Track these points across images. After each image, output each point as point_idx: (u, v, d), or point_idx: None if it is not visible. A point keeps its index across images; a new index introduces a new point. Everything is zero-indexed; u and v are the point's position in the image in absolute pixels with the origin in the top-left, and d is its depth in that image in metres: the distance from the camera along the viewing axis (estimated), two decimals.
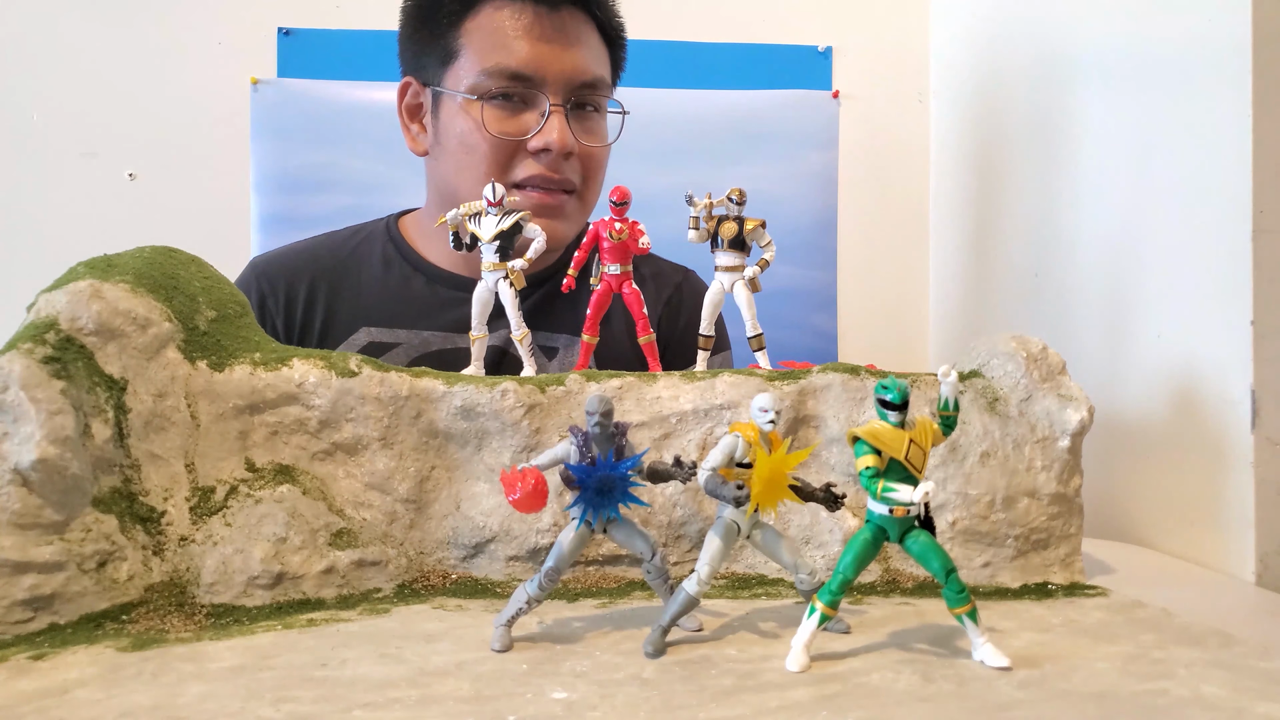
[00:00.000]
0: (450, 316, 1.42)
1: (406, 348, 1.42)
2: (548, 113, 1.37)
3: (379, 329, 1.43)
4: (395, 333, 1.43)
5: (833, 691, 0.72)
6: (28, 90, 2.02)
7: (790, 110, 2.10)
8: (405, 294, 1.46)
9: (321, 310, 1.45)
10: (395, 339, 1.42)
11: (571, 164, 1.41)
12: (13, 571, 0.81)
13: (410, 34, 1.47)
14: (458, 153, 1.41)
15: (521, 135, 1.38)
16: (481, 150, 1.38)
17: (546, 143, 1.36)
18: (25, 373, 0.84)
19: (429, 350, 1.41)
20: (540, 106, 1.38)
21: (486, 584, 1.00)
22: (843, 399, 1.05)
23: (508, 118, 1.38)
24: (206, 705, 0.69)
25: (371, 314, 1.44)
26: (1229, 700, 0.70)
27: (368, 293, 1.46)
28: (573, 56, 1.39)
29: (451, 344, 1.41)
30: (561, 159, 1.38)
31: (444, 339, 1.42)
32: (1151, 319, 1.35)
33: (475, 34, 1.39)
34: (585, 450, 0.82)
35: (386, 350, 1.41)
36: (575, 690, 0.72)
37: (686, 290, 1.59)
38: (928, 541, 0.79)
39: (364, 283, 1.47)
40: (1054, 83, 1.65)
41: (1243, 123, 1.16)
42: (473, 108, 1.38)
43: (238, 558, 0.91)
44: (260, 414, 1.00)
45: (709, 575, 0.82)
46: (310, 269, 1.48)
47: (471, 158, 1.39)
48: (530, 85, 1.37)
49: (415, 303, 1.45)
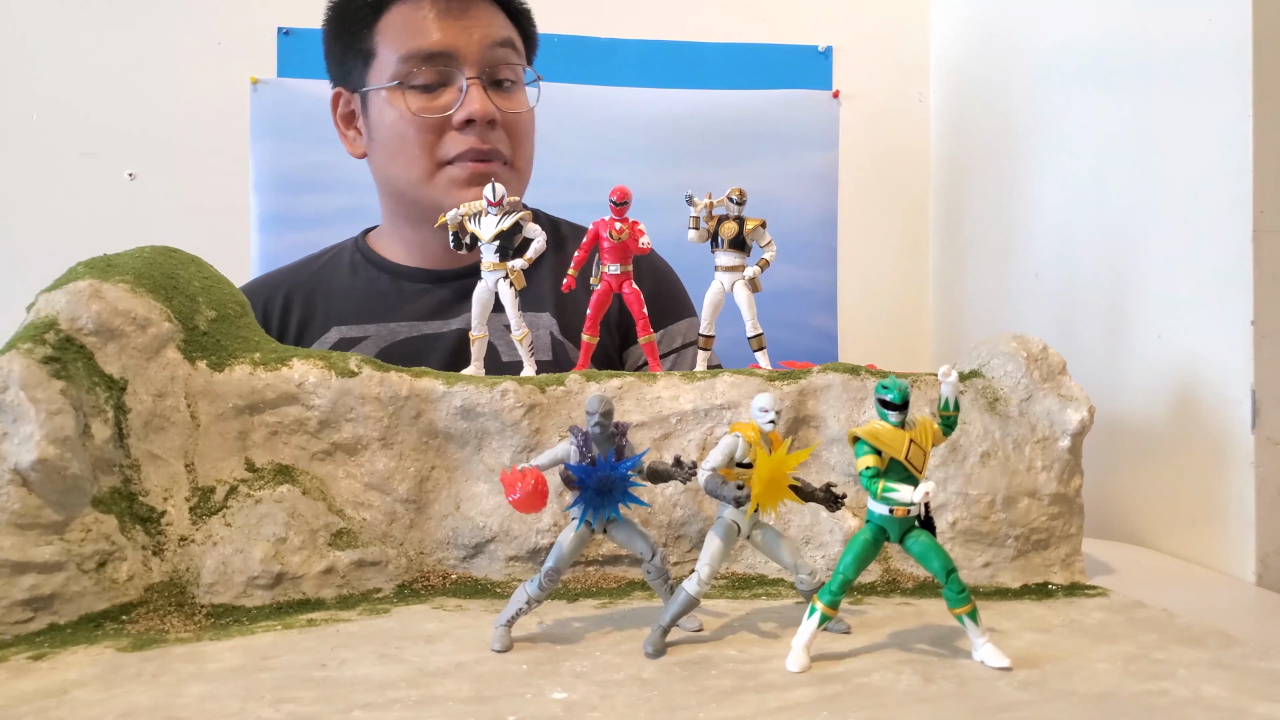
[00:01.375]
0: (413, 307, 1.52)
1: (375, 339, 1.50)
2: (465, 86, 1.46)
3: (348, 326, 1.52)
4: (364, 328, 1.51)
5: (833, 692, 0.72)
6: (28, 90, 2.01)
7: (790, 110, 2.10)
8: (371, 292, 1.55)
9: (296, 317, 1.54)
10: (364, 333, 1.51)
11: (498, 134, 1.49)
12: (13, 571, 0.81)
13: (332, 44, 1.57)
14: (390, 142, 1.51)
15: (444, 112, 1.47)
16: (410, 134, 1.47)
17: (469, 113, 1.46)
18: (25, 373, 0.84)
19: (396, 339, 1.50)
20: (458, 82, 1.47)
21: (486, 584, 1.00)
22: (843, 399, 1.05)
23: (430, 99, 1.47)
24: (206, 705, 0.69)
25: (342, 315, 1.53)
26: (1229, 700, 0.70)
27: (338, 296, 1.56)
28: (480, 30, 1.48)
29: (418, 331, 1.50)
30: (487, 129, 1.47)
31: (410, 328, 1.51)
32: (1151, 319, 1.34)
33: (388, 30, 1.49)
34: (585, 450, 0.82)
35: (356, 344, 1.50)
36: (575, 690, 0.72)
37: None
38: (928, 542, 0.79)
39: (334, 288, 1.57)
40: (1054, 83, 1.65)
41: (1243, 123, 1.16)
42: (395, 97, 1.47)
43: (237, 558, 0.91)
44: (260, 414, 1.00)
45: (709, 575, 0.81)
46: (285, 284, 1.59)
47: (403, 143, 1.49)
48: (445, 63, 1.47)
49: (381, 299, 1.54)
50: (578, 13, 1.80)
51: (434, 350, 1.47)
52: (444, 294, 1.51)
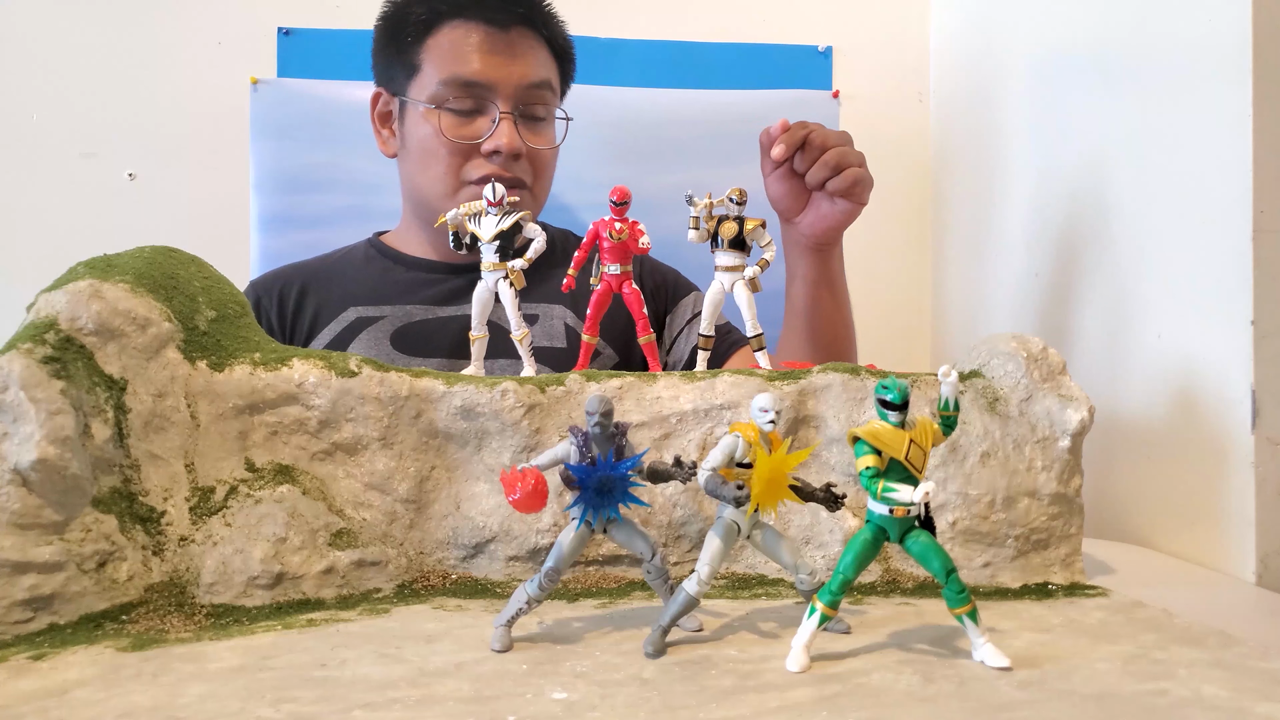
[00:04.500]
0: (428, 292, 1.61)
1: (391, 319, 1.58)
2: (498, 119, 1.54)
3: (365, 306, 1.59)
4: (381, 308, 1.59)
5: (833, 692, 0.72)
6: (28, 90, 2.01)
7: (790, 110, 2.07)
8: (387, 279, 1.63)
9: (313, 302, 1.62)
10: (381, 313, 1.58)
11: (521, 164, 1.57)
12: (12, 571, 0.81)
13: (381, 50, 1.65)
14: (420, 156, 1.59)
15: (475, 139, 1.55)
16: (440, 153, 1.56)
17: (497, 145, 1.53)
18: (25, 373, 0.84)
19: (412, 320, 1.58)
20: (491, 113, 1.55)
21: (486, 584, 1.00)
22: (843, 399, 1.05)
23: (463, 124, 1.56)
24: (206, 705, 0.69)
25: (359, 298, 1.61)
26: (1230, 701, 0.70)
27: (354, 282, 1.63)
28: (520, 68, 1.56)
29: (432, 314, 1.59)
30: (512, 159, 1.55)
31: (425, 310, 1.59)
32: (1151, 319, 1.34)
33: (435, 50, 1.57)
34: (585, 450, 0.82)
35: (373, 322, 1.56)
36: (575, 690, 0.72)
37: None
38: (928, 542, 0.79)
39: (349, 277, 1.65)
40: (1054, 82, 1.65)
41: (1243, 123, 1.16)
42: (432, 116, 1.56)
43: (237, 558, 0.91)
44: (260, 414, 1.00)
45: (709, 575, 0.81)
46: (301, 275, 1.66)
47: (432, 160, 1.57)
48: (482, 93, 1.55)
49: (397, 285, 1.62)
50: (578, 13, 1.80)
51: (446, 331, 1.56)
52: (459, 282, 1.59)
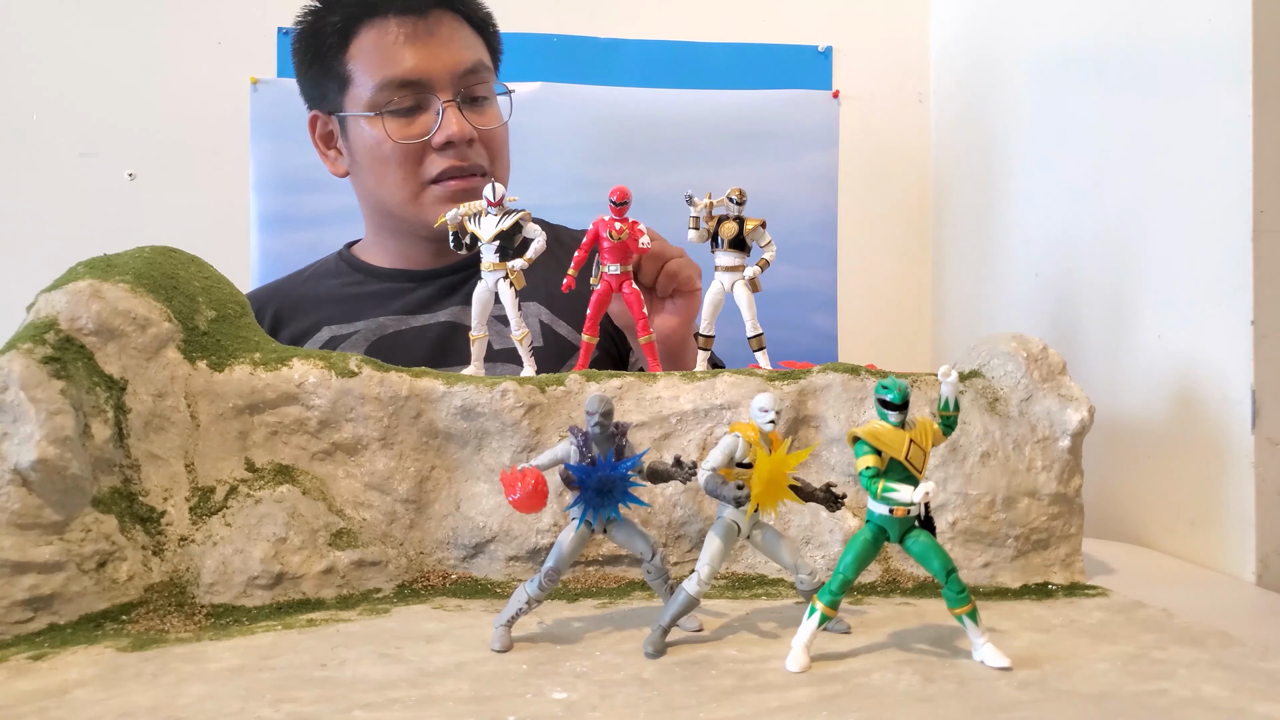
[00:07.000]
0: (400, 302, 1.57)
1: (364, 333, 1.54)
2: (442, 110, 1.49)
3: (337, 325, 1.55)
4: (353, 325, 1.55)
5: (833, 692, 0.72)
6: (28, 90, 2.01)
7: (790, 110, 2.10)
8: (358, 294, 1.60)
9: (287, 328, 1.57)
10: (353, 329, 1.55)
11: (476, 150, 1.53)
12: (13, 571, 0.81)
13: (304, 71, 1.60)
14: (373, 166, 1.54)
15: (423, 136, 1.50)
16: (393, 159, 1.51)
17: (448, 135, 1.49)
18: (25, 373, 0.84)
19: (385, 333, 1.54)
20: (433, 106, 1.50)
21: (486, 584, 1.00)
22: (843, 399, 1.05)
23: (408, 124, 1.51)
24: (206, 705, 0.69)
25: (331, 317, 1.57)
26: (1229, 701, 0.70)
27: (326, 302, 1.60)
28: (450, 53, 1.52)
29: (406, 324, 1.55)
30: (466, 147, 1.51)
31: (398, 321, 1.56)
32: (1151, 319, 1.34)
33: (360, 57, 1.52)
34: (585, 450, 0.82)
35: (346, 339, 1.53)
36: (575, 690, 0.72)
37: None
38: (928, 542, 0.79)
39: (322, 295, 1.61)
40: (1053, 82, 1.65)
41: (1243, 123, 1.15)
42: (375, 123, 1.50)
43: (237, 558, 0.91)
44: (260, 414, 1.00)
45: (709, 575, 0.82)
46: (275, 297, 1.62)
47: (386, 167, 1.53)
48: (419, 88, 1.50)
49: (368, 299, 1.59)
50: (578, 13, 1.80)
51: (422, 340, 1.53)
52: (429, 290, 1.57)
